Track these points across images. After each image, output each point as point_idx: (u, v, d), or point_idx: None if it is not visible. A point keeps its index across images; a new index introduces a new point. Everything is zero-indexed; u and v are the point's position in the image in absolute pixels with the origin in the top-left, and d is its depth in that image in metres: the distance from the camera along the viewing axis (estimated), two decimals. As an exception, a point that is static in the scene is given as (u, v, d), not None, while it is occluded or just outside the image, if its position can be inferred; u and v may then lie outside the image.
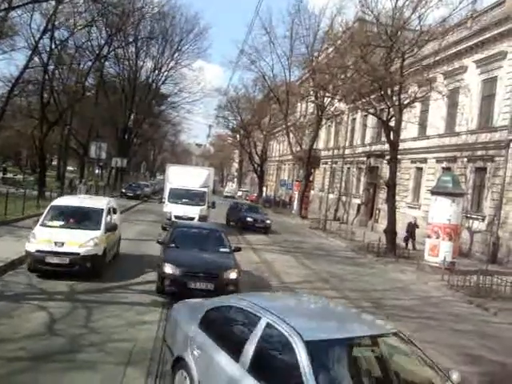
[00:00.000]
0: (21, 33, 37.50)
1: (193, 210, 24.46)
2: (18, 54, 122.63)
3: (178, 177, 26.31)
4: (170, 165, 30.33)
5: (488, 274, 17.14)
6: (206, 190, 26.07)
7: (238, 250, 13.50)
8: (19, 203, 22.56)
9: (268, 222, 29.37)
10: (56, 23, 34.56)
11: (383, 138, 31.07)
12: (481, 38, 26.39)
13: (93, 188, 39.12)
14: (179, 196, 25.28)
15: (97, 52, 44.65)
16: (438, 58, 27.22)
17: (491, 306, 14.94)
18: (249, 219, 29.19)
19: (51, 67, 38.39)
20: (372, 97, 26.67)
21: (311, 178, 49.74)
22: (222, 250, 12.89)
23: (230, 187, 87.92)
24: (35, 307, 9.97)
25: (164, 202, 25.86)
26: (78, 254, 12.20)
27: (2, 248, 14.56)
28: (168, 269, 11.22)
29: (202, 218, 24.20)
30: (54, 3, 32.00)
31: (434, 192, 21.18)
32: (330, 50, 33.74)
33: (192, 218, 23.73)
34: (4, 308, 9.71)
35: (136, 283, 13.10)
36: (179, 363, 6.34)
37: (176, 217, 23.72)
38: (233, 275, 11.53)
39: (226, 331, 6.11)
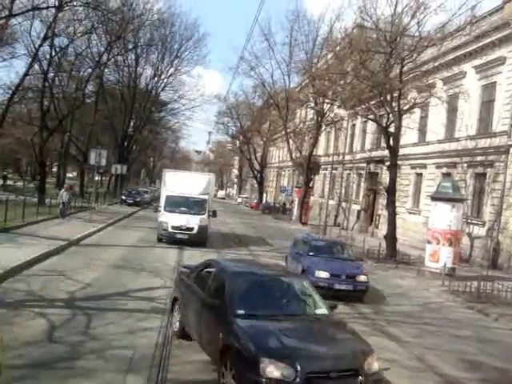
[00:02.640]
0: (21, 40, 37.61)
1: (192, 219, 22.58)
2: (18, 61, 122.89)
3: (176, 183, 23.97)
4: (166, 170, 27.10)
5: (489, 280, 17.13)
6: (206, 197, 23.91)
7: (335, 307, 8.58)
8: (19, 210, 22.54)
9: (362, 278, 14.94)
10: (56, 30, 34.59)
11: (383, 144, 31.09)
12: (480, 44, 26.44)
13: (92, 195, 39.07)
14: (177, 204, 23.27)
15: (97, 59, 44.75)
16: (437, 64, 27.34)
17: (492, 311, 14.91)
18: (322, 274, 14.78)
19: (51, 74, 38.48)
20: (371, 103, 26.72)
21: (311, 184, 49.75)
22: (319, 311, 8.11)
23: (221, 192, 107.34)
24: (35, 314, 9.92)
25: (160, 211, 23.63)
26: None
27: (1, 255, 14.51)
28: (271, 369, 6.27)
29: (202, 229, 22.67)
30: (54, 11, 32.07)
31: (434, 198, 21.18)
32: (330, 56, 33.81)
33: (191, 229, 22.29)
34: (4, 315, 9.66)
35: None
36: None
37: (173, 227, 22.23)
38: (375, 366, 6.95)
39: None
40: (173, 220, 22.41)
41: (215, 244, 23.86)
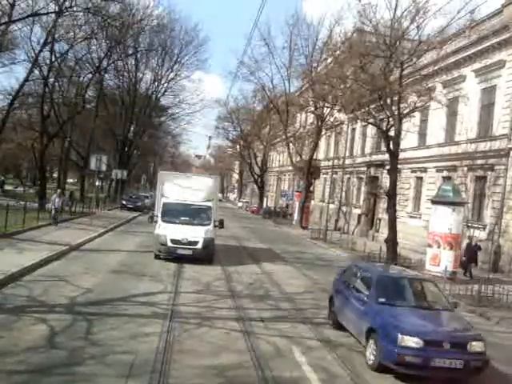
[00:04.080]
0: (21, 46, 37.81)
1: (195, 231, 18.88)
2: (19, 67, 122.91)
3: (175, 188, 20.31)
4: (163, 172, 23.39)
5: (490, 283, 17.10)
6: (210, 204, 20.28)
7: None
8: (19, 216, 22.54)
9: (478, 347, 8.74)
10: (56, 36, 34.72)
11: (383, 148, 31.06)
12: (479, 48, 26.48)
13: (93, 200, 39.06)
14: (176, 213, 19.73)
15: (97, 64, 44.87)
16: (436, 68, 27.33)
17: (493, 315, 14.90)
18: (410, 342, 8.42)
19: (51, 80, 38.53)
20: (371, 107, 26.71)
21: (311, 189, 49.74)
22: None
23: (219, 194, 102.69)
24: (35, 320, 9.91)
25: (156, 221, 19.82)
26: None
27: (2, 260, 14.51)
28: None
29: (208, 242, 18.96)
30: (53, 16, 32.15)
31: (435, 201, 21.17)
32: (329, 60, 33.87)
33: (194, 243, 18.63)
34: (4, 321, 9.65)
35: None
36: None
37: (172, 241, 18.50)
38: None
39: None
40: (172, 232, 18.75)
41: (217, 252, 21.18)
